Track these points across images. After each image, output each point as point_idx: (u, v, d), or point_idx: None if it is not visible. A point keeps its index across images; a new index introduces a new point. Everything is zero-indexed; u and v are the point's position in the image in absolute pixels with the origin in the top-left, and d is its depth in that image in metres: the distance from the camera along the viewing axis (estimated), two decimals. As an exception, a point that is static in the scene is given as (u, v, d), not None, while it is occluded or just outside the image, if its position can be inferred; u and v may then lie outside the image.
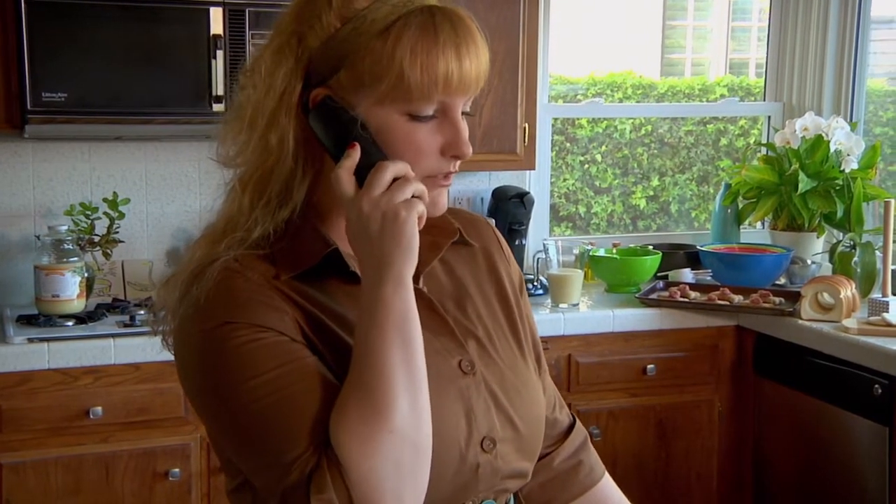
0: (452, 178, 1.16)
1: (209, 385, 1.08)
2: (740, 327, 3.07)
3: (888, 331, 2.70)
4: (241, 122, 1.13)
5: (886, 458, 2.62)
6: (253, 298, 1.09)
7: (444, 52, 1.08)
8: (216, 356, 1.07)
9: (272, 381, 1.05)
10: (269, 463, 1.04)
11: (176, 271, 1.15)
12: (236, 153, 1.14)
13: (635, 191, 4.88)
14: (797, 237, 3.34)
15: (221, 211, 1.16)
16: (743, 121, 4.86)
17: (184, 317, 1.10)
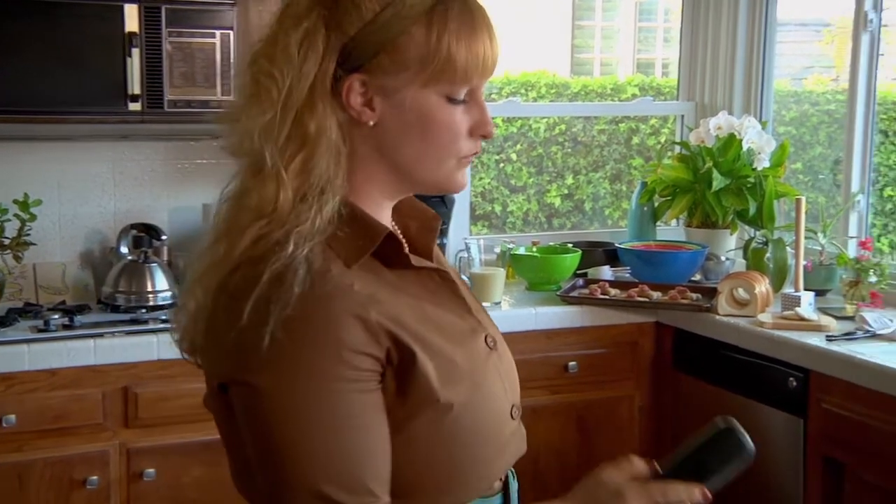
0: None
1: (281, 392, 1.08)
2: (659, 323, 3.12)
3: (801, 325, 2.77)
4: (263, 109, 1.11)
5: (801, 448, 2.70)
6: (351, 311, 1.09)
7: (482, 36, 1.14)
8: (321, 382, 1.08)
9: (347, 418, 1.09)
10: (303, 486, 1.07)
11: (212, 266, 1.13)
12: (260, 140, 1.12)
13: (550, 189, 4.94)
14: (711, 234, 3.41)
15: (251, 200, 1.12)
16: (654, 120, 4.95)
17: (258, 317, 1.07)
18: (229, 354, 1.11)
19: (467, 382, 1.17)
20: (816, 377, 2.63)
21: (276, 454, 1.08)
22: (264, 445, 1.10)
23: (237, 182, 1.17)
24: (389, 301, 1.13)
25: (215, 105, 2.82)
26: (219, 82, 2.81)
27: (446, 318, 1.20)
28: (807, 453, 2.68)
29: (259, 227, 1.11)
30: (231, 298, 1.10)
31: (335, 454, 1.08)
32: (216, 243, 1.14)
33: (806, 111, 4.95)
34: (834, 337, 2.68)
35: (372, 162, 1.17)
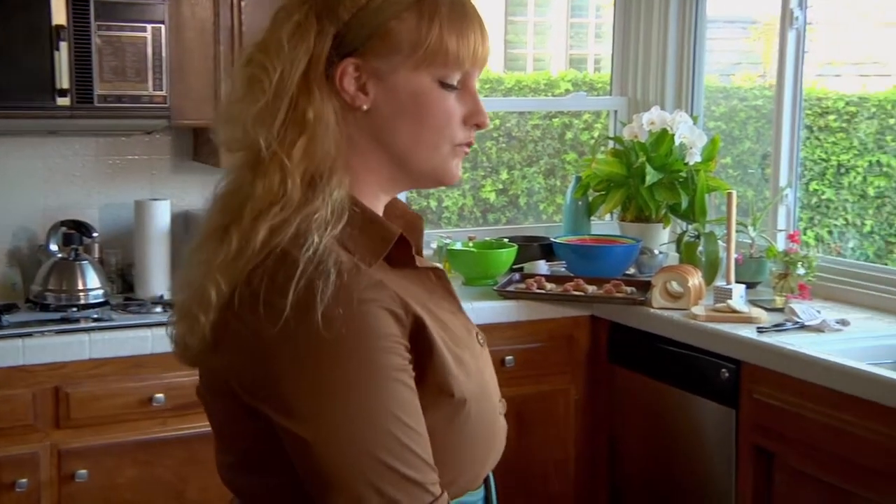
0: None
1: (336, 394, 1.07)
2: (595, 317, 3.15)
3: (733, 317, 2.82)
4: (255, 98, 1.12)
5: (733, 438, 2.74)
6: (385, 305, 1.10)
7: (473, 26, 1.17)
8: (363, 373, 1.07)
9: (405, 406, 1.09)
10: (409, 480, 1.08)
11: (229, 260, 1.10)
12: (254, 129, 1.12)
13: (485, 184, 4.95)
14: (645, 228, 3.45)
15: (256, 190, 1.12)
16: (587, 115, 4.99)
17: (300, 314, 1.05)
18: (268, 356, 1.08)
19: (474, 380, 1.20)
20: (748, 368, 2.67)
21: (337, 460, 1.06)
22: (325, 449, 1.07)
23: (232, 177, 1.17)
24: (406, 298, 1.14)
25: (147, 100, 2.78)
26: (150, 77, 2.77)
27: (447, 317, 1.22)
28: (738, 443, 2.72)
29: (273, 216, 1.11)
30: (267, 297, 1.08)
31: (402, 437, 1.08)
32: (222, 235, 1.12)
33: (734, 107, 5.03)
34: (764, 329, 2.73)
35: (369, 151, 1.18)
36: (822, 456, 2.47)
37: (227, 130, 1.16)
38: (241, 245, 1.11)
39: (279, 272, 1.08)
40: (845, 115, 5.78)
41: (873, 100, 5.78)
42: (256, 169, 1.13)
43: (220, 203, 1.17)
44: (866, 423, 2.35)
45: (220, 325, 1.12)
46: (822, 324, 2.75)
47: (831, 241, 5.63)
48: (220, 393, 1.16)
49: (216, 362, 1.16)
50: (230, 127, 1.16)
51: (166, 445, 2.68)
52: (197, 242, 1.17)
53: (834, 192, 5.73)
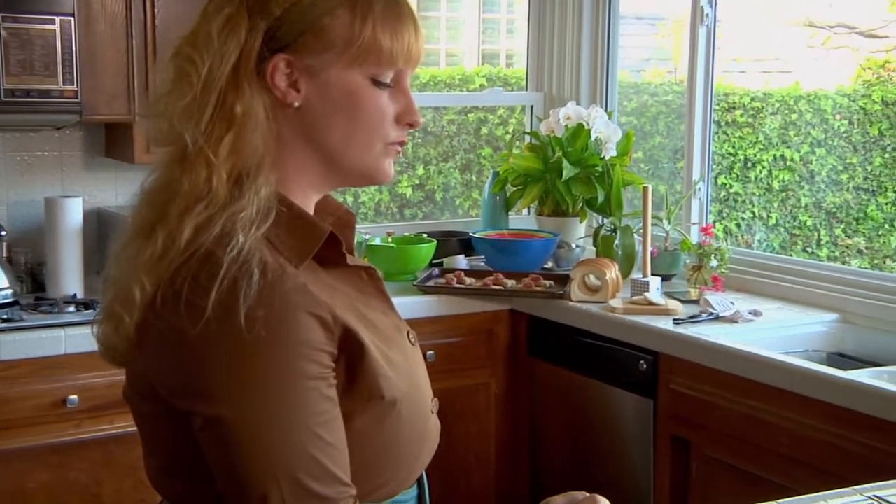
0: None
1: (254, 396, 1.06)
2: (514, 311, 3.17)
3: (650, 309, 2.87)
4: (183, 93, 1.10)
5: (651, 428, 2.79)
6: (309, 310, 1.08)
7: (407, 24, 1.16)
8: (281, 378, 1.06)
9: (320, 414, 1.08)
10: (313, 494, 1.06)
11: (153, 259, 1.08)
12: (180, 124, 1.10)
13: (401, 179, 4.95)
14: (562, 222, 3.48)
15: (181, 186, 1.09)
16: (502, 110, 5.02)
17: (222, 316, 1.04)
18: (189, 357, 1.07)
19: (404, 381, 1.19)
20: (665, 359, 2.72)
21: (251, 453, 1.05)
22: (237, 445, 1.06)
23: (160, 173, 1.14)
24: (333, 301, 1.13)
25: (57, 94, 2.71)
26: (60, 71, 2.70)
27: (377, 317, 1.21)
28: (656, 433, 2.77)
29: (197, 214, 1.09)
30: (189, 297, 1.06)
31: (311, 448, 1.07)
32: (148, 233, 1.10)
33: (645, 102, 5.12)
34: (681, 320, 2.78)
35: (299, 148, 1.17)
36: (736, 443, 2.53)
37: (154, 124, 1.14)
38: (166, 244, 1.09)
39: (202, 272, 1.06)
40: (751, 110, 5.93)
41: (777, 95, 5.94)
42: (183, 164, 1.11)
43: (147, 199, 1.15)
44: (779, 411, 2.41)
45: (143, 326, 1.10)
46: (736, 314, 2.81)
47: (739, 234, 5.78)
48: (145, 395, 1.14)
49: (140, 363, 1.14)
50: (158, 121, 1.13)
51: (81, 448, 2.62)
52: (123, 240, 1.15)
53: (741, 185, 5.88)
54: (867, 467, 2.14)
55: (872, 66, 5.99)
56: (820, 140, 5.91)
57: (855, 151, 5.92)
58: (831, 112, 5.95)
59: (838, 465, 2.24)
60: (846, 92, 5.93)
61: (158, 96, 1.15)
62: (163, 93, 1.14)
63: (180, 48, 1.14)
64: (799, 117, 5.92)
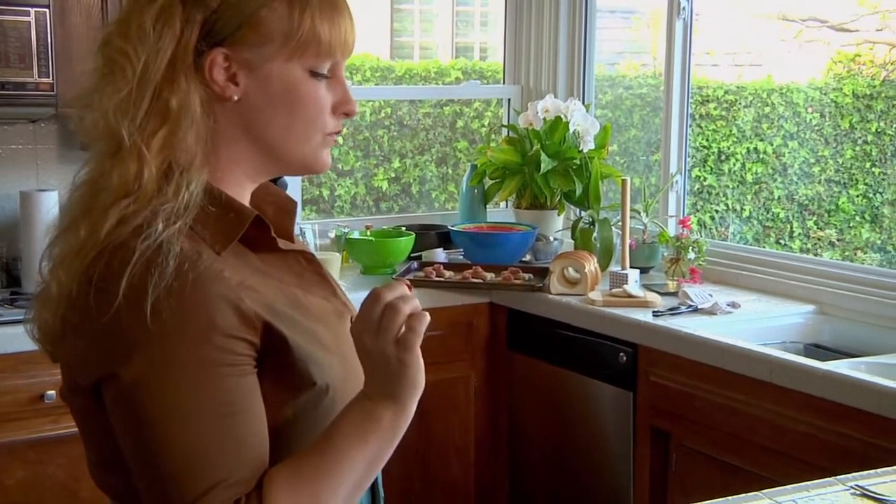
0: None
1: (159, 382, 1.05)
2: (493, 304, 3.17)
3: (630, 301, 2.88)
4: (118, 87, 1.08)
5: (630, 420, 2.80)
6: (223, 296, 1.06)
7: (344, 15, 1.16)
8: (183, 365, 1.05)
9: (227, 404, 1.06)
10: (190, 478, 1.04)
11: (74, 250, 1.07)
12: (116, 118, 1.08)
13: (377, 173, 4.94)
14: (540, 215, 3.49)
15: (111, 180, 1.08)
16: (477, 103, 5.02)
17: (131, 301, 1.04)
18: (99, 343, 1.07)
19: (338, 365, 1.17)
20: (645, 351, 2.73)
21: (156, 444, 1.05)
22: (142, 435, 1.06)
23: (91, 166, 1.13)
24: (259, 287, 1.12)
25: (32, 87, 2.68)
26: (35, 63, 2.67)
27: (314, 302, 1.20)
28: (636, 424, 2.78)
29: (123, 207, 1.08)
30: (100, 284, 1.06)
31: (217, 440, 1.05)
32: (75, 227, 1.10)
33: (620, 95, 5.13)
34: (660, 312, 2.79)
35: (236, 141, 1.16)
36: (715, 434, 2.55)
37: (87, 120, 1.12)
38: (88, 235, 1.09)
39: (115, 260, 1.06)
40: (724, 103, 5.96)
41: (750, 88, 5.98)
42: (114, 158, 1.10)
43: (78, 193, 1.14)
44: (757, 402, 2.43)
45: (65, 318, 1.10)
46: (715, 306, 2.83)
47: (713, 227, 5.81)
48: (72, 388, 1.14)
49: (64, 357, 1.14)
50: (90, 115, 1.11)
51: (59, 443, 2.59)
52: (53, 236, 1.14)
53: (715, 178, 5.91)
54: (846, 457, 2.17)
55: (843, 59, 6.04)
56: (792, 133, 5.95)
57: (826, 144, 5.97)
58: (803, 105, 6.00)
59: (817, 456, 2.26)
60: (818, 85, 5.98)
61: (90, 89, 1.12)
62: (95, 86, 1.12)
63: (110, 38, 1.12)
64: (772, 110, 5.96)
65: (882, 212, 5.99)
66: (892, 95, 5.95)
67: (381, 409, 1.11)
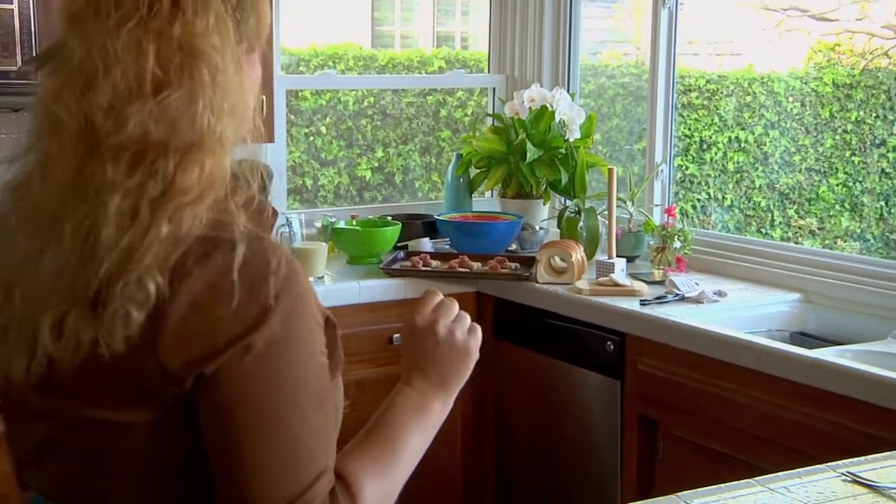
0: None
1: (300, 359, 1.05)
2: (480, 293, 3.17)
3: (617, 290, 2.88)
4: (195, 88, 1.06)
5: (618, 408, 2.81)
6: (311, 286, 1.10)
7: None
8: (304, 357, 1.06)
9: (326, 393, 1.08)
10: (306, 464, 1.05)
11: (161, 249, 1.02)
12: (208, 118, 1.06)
13: (361, 162, 4.92)
14: (525, 204, 3.49)
15: (191, 175, 1.04)
16: (461, 92, 5.01)
17: (268, 292, 1.03)
18: (213, 335, 1.02)
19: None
20: (632, 340, 2.74)
21: (284, 424, 1.04)
22: (272, 415, 1.03)
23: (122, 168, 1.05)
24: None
25: (15, 76, 2.65)
26: (19, 51, 2.64)
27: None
28: (623, 413, 2.79)
29: (208, 203, 1.05)
30: (217, 278, 1.02)
31: (324, 426, 1.07)
32: (153, 225, 1.03)
33: (602, 84, 5.14)
34: (647, 301, 2.80)
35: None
36: (702, 422, 2.56)
37: (165, 120, 1.04)
38: (172, 232, 1.05)
39: (221, 255, 1.03)
40: (706, 92, 5.98)
41: (731, 78, 6.00)
42: (193, 154, 1.06)
43: (134, 197, 1.09)
44: (744, 390, 2.44)
45: (160, 319, 1.02)
46: (701, 295, 2.84)
47: (695, 216, 5.83)
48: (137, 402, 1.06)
49: (162, 356, 1.04)
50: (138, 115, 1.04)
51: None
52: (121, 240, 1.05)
53: (697, 167, 5.93)
54: (834, 445, 2.18)
55: (823, 48, 6.07)
56: (773, 122, 5.98)
57: (807, 133, 6.00)
58: (784, 94, 6.02)
59: (805, 443, 2.27)
60: (798, 74, 6.00)
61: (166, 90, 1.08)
62: (169, 84, 1.07)
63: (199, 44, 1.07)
64: (753, 99, 5.98)
65: (861, 200, 6.03)
66: (872, 85, 5.99)
67: (433, 400, 1.19)
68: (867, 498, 1.58)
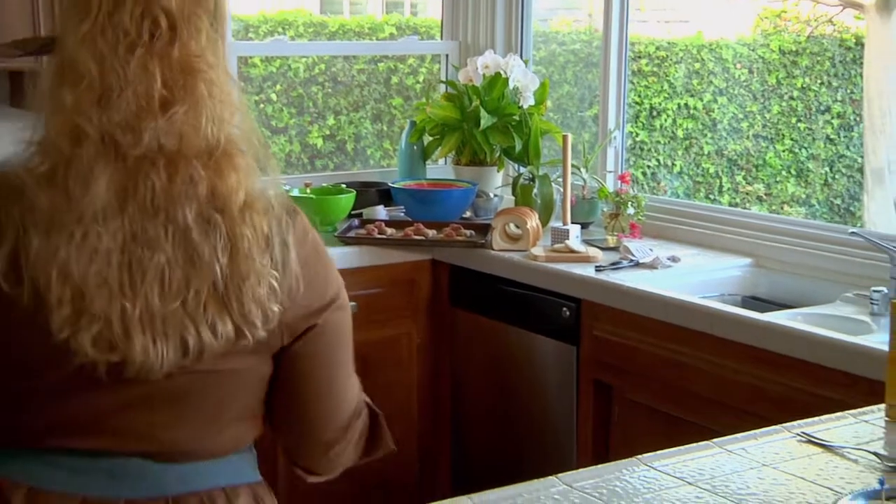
0: None
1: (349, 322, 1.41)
2: (435, 261, 3.17)
3: (572, 257, 2.90)
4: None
5: (574, 374, 2.83)
6: None
7: None
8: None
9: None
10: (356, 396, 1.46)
11: (258, 202, 1.28)
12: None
13: (312, 130, 4.88)
14: (480, 171, 3.49)
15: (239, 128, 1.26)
16: (412, 59, 4.98)
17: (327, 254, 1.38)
18: (322, 291, 1.34)
19: None
20: (588, 306, 2.76)
21: (347, 369, 1.43)
22: (343, 358, 1.42)
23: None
24: None
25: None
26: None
27: None
28: (579, 378, 2.81)
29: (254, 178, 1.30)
30: (305, 237, 1.35)
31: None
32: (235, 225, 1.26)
33: (553, 51, 5.14)
34: (602, 267, 2.82)
35: None
36: (656, 386, 2.59)
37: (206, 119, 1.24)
38: (246, 190, 1.32)
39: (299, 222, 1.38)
40: (656, 59, 6.01)
41: (681, 45, 6.03)
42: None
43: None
44: (698, 354, 2.47)
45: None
46: (655, 261, 2.86)
47: (645, 182, 5.88)
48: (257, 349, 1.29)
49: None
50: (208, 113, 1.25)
51: None
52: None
53: (647, 134, 5.97)
54: (786, 407, 2.21)
55: (770, 15, 6.12)
56: (722, 89, 6.03)
57: (754, 100, 6.06)
58: (732, 61, 6.07)
59: (758, 406, 2.30)
60: (746, 41, 6.05)
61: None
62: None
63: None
64: (702, 66, 6.02)
65: (807, 166, 6.11)
66: (817, 52, 6.06)
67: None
68: (821, 457, 1.61)
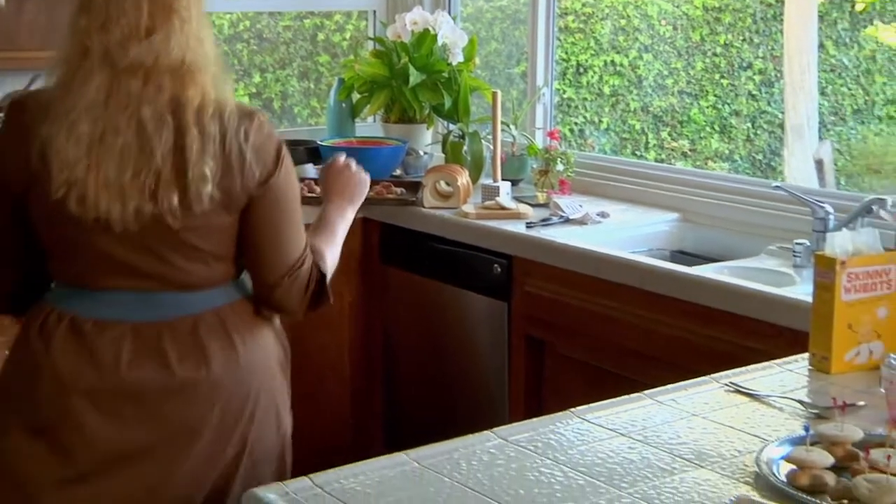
0: None
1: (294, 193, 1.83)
2: (366, 219, 3.15)
3: (503, 213, 2.91)
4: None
5: (505, 330, 2.85)
6: None
7: None
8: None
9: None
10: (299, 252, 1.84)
11: (221, 104, 1.73)
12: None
13: (237, 88, 4.80)
14: (409, 129, 3.47)
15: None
16: (338, 16, 4.92)
17: (278, 143, 1.79)
18: (270, 162, 1.76)
19: None
20: (519, 262, 2.77)
21: (296, 223, 1.83)
22: (290, 218, 1.82)
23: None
24: None
25: None
26: None
27: None
28: (511, 334, 2.83)
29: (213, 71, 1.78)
30: (261, 127, 1.74)
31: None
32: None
33: (480, 7, 5.12)
34: (533, 223, 2.84)
35: None
36: (587, 340, 2.62)
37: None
38: (213, 96, 1.77)
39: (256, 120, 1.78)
40: (582, 16, 6.02)
41: (606, 1, 6.05)
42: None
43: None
44: (627, 308, 2.51)
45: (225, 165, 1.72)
46: (585, 217, 2.89)
47: (573, 139, 5.91)
48: (227, 208, 1.74)
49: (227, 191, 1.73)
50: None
51: None
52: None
53: (574, 91, 5.99)
54: (715, 358, 2.25)
55: (694, -29, 6.17)
56: (647, 45, 6.07)
57: (679, 56, 6.12)
58: (657, 18, 6.11)
59: (687, 358, 2.34)
60: (670, -3, 6.09)
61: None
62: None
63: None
64: (627, 23, 6.05)
65: (730, 122, 6.21)
66: (739, 8, 6.13)
67: (348, 207, 2.09)
68: (748, 406, 1.66)
